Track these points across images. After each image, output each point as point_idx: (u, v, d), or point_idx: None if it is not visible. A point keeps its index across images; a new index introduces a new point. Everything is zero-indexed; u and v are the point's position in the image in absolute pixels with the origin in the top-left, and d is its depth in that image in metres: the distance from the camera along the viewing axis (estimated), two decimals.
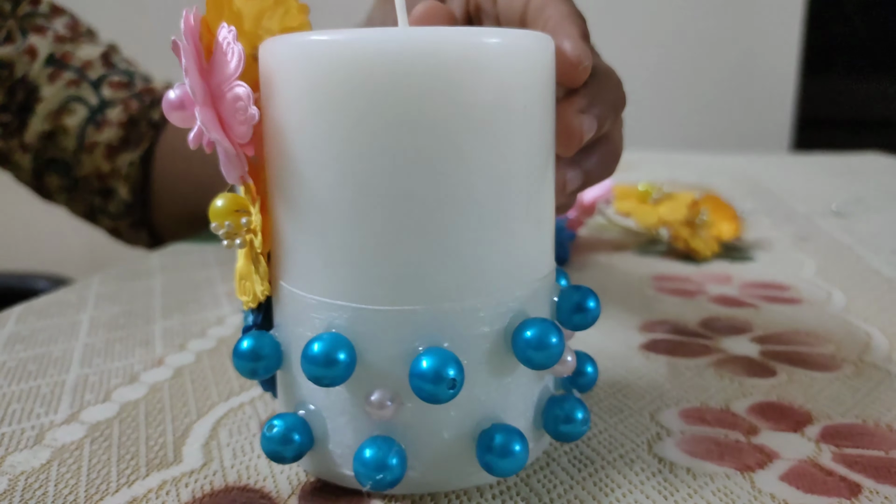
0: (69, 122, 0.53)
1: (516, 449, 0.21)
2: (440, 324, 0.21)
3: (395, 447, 0.21)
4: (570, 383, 0.25)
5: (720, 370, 0.31)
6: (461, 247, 0.21)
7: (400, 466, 0.21)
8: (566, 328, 0.24)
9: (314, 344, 0.21)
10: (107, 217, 0.57)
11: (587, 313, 0.24)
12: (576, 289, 0.24)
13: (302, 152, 0.21)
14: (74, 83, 0.54)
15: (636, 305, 0.40)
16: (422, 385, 0.20)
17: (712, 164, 0.93)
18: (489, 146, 0.21)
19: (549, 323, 0.22)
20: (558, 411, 0.23)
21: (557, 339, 0.21)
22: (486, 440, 0.21)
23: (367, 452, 0.21)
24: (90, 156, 0.54)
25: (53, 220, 1.61)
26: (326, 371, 0.21)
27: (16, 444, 0.26)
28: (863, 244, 0.53)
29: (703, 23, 1.58)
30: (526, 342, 0.21)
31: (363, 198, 0.21)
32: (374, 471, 0.21)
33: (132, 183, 0.55)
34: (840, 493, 0.22)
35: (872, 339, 0.35)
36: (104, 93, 0.54)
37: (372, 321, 0.21)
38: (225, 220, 0.23)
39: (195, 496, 0.23)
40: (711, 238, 0.50)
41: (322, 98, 0.21)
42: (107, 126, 0.54)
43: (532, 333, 0.21)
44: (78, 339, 0.36)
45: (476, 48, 0.20)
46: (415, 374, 0.20)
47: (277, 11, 0.25)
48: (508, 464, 0.21)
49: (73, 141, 0.54)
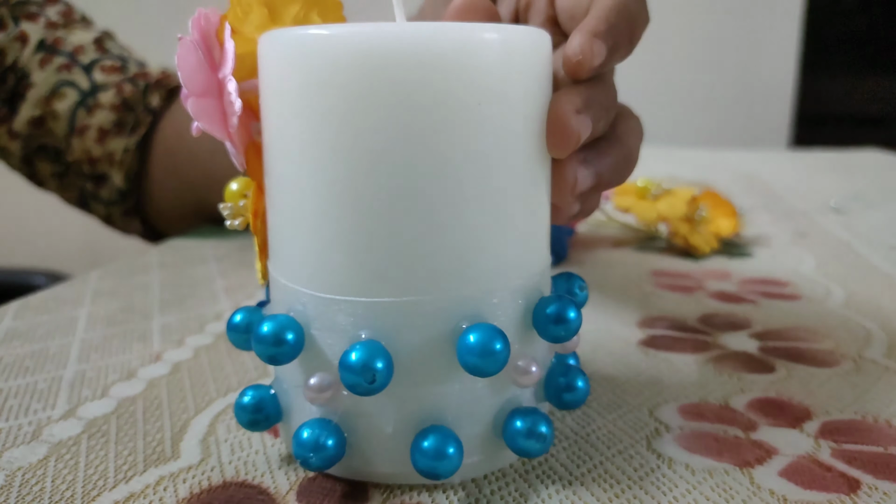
0: (59, 107, 0.52)
1: (449, 452, 0.21)
2: (389, 317, 0.21)
3: (333, 428, 0.22)
4: (555, 398, 0.24)
5: (719, 366, 0.31)
6: (442, 240, 0.21)
7: (336, 448, 0.22)
8: (545, 339, 0.23)
9: (265, 324, 0.22)
10: (100, 203, 0.57)
11: (567, 324, 0.22)
12: (556, 298, 0.23)
13: (293, 146, 0.21)
14: (66, 67, 0.53)
15: (635, 301, 0.40)
16: (346, 375, 0.20)
17: (711, 161, 0.93)
18: (481, 142, 0.21)
19: (494, 329, 0.21)
20: (518, 424, 0.22)
21: (502, 346, 0.20)
22: (419, 440, 0.21)
23: (304, 433, 0.22)
24: (81, 140, 0.53)
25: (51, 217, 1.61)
26: (274, 350, 0.22)
27: (13, 439, 0.26)
28: (861, 240, 0.53)
29: (703, 19, 1.58)
30: (468, 347, 0.20)
31: (341, 190, 0.21)
32: (308, 451, 0.21)
33: (126, 170, 0.54)
34: (839, 488, 0.22)
35: (871, 335, 0.35)
36: (96, 77, 0.53)
37: (324, 307, 0.22)
38: (237, 201, 0.27)
39: (193, 492, 0.23)
40: (710, 234, 0.50)
41: (317, 92, 0.20)
42: (98, 109, 0.53)
43: (476, 338, 0.20)
44: (75, 335, 0.36)
45: (470, 43, 0.20)
46: (342, 365, 0.20)
47: (314, 9, 0.26)
48: (441, 465, 0.21)
49: (63, 126, 0.53)
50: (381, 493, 0.22)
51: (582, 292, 0.26)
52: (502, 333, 0.21)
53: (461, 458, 0.21)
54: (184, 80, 0.23)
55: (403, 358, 0.21)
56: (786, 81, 1.61)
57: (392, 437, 0.22)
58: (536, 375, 0.22)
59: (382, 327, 0.21)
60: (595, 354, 0.33)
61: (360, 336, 0.21)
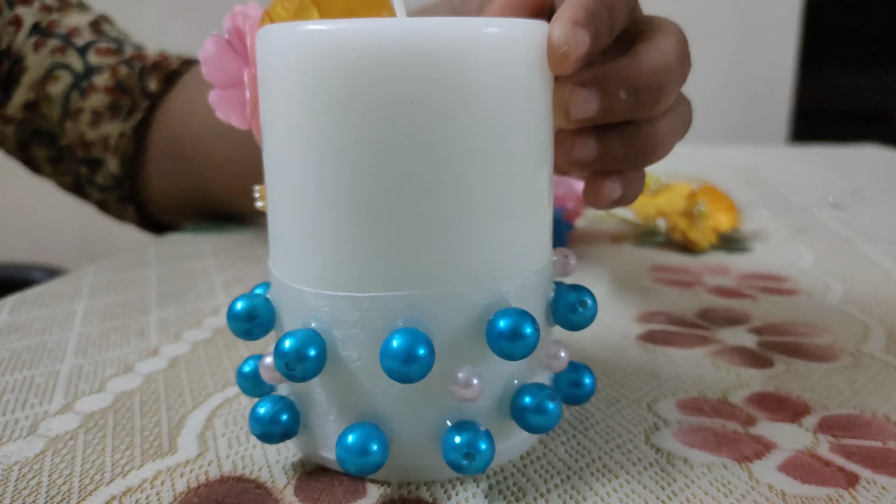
0: (53, 90, 0.52)
1: (482, 447, 0.21)
2: (416, 309, 0.21)
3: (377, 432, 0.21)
4: (563, 395, 0.25)
5: (718, 361, 0.31)
6: (448, 234, 0.21)
7: (381, 452, 0.21)
8: (562, 327, 0.24)
9: (286, 340, 0.21)
10: (95, 189, 0.56)
11: (585, 312, 0.23)
12: (573, 288, 0.24)
13: (294, 143, 0.21)
14: (60, 50, 0.52)
15: (634, 296, 0.40)
16: (392, 364, 0.20)
17: (710, 156, 0.93)
18: (483, 136, 0.21)
19: (523, 313, 0.21)
20: (527, 400, 0.22)
21: (532, 329, 0.21)
22: (450, 435, 0.21)
23: (349, 438, 0.21)
24: (74, 123, 0.52)
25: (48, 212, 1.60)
26: (300, 365, 0.21)
27: (10, 433, 0.26)
28: (860, 235, 0.53)
29: (702, 14, 1.57)
30: (499, 332, 0.21)
31: (339, 189, 0.21)
32: (357, 455, 0.21)
33: (122, 155, 0.53)
34: (837, 483, 0.22)
35: (870, 330, 0.35)
36: (90, 59, 0.52)
37: (346, 308, 0.21)
38: None
39: (190, 486, 0.23)
40: (709, 229, 0.50)
41: (318, 87, 0.20)
42: (92, 92, 0.52)
43: (506, 323, 0.21)
44: (73, 329, 0.36)
45: (472, 37, 0.20)
46: (384, 353, 0.20)
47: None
48: (473, 464, 0.21)
49: (57, 109, 0.52)
50: (379, 488, 0.22)
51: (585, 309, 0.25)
52: (532, 317, 0.21)
53: (493, 452, 0.21)
54: (208, 72, 0.24)
55: (437, 347, 0.21)
56: (785, 77, 1.61)
57: (425, 432, 0.22)
58: (565, 360, 0.23)
59: (415, 318, 0.21)
60: (594, 349, 0.33)
61: (398, 325, 0.21)
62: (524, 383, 0.23)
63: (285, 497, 0.22)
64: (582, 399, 0.25)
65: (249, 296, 0.24)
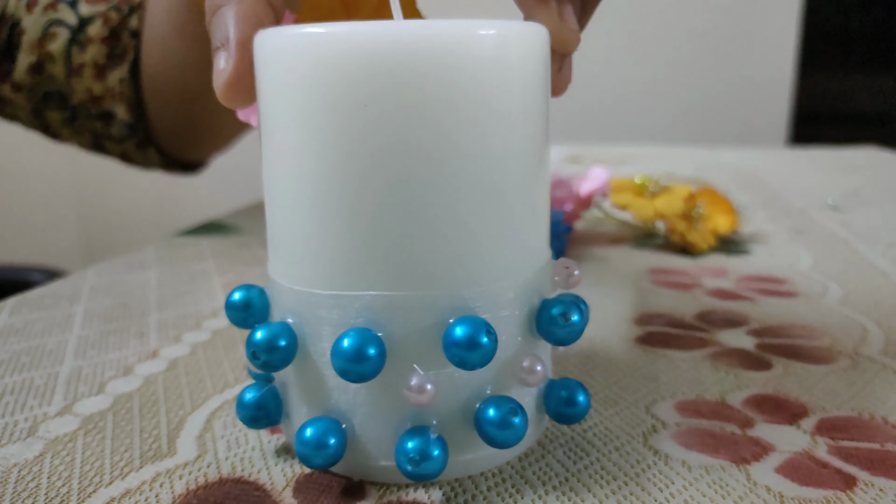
0: (53, 48, 0.51)
1: (434, 453, 0.21)
2: (382, 311, 0.21)
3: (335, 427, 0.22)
4: (555, 414, 0.24)
5: (716, 363, 0.31)
6: (412, 237, 0.21)
7: (338, 446, 0.22)
8: (547, 340, 0.23)
9: (258, 331, 0.22)
10: (113, 142, 0.56)
11: (567, 326, 0.22)
12: (560, 299, 0.23)
13: (290, 144, 0.21)
14: (51, 7, 0.52)
15: (632, 298, 0.40)
16: (337, 361, 0.21)
17: (709, 158, 0.93)
18: (480, 138, 0.21)
19: (480, 322, 0.20)
20: (491, 413, 0.21)
21: (488, 339, 0.20)
22: (404, 441, 0.21)
23: (307, 431, 0.22)
24: (80, 79, 0.52)
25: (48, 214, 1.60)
26: (264, 355, 0.22)
27: (9, 436, 0.26)
28: (859, 238, 0.53)
29: (701, 16, 1.58)
30: (454, 340, 0.20)
31: (337, 188, 0.21)
32: (311, 449, 0.21)
33: (127, 101, 0.53)
34: (835, 485, 0.22)
35: (868, 332, 0.35)
36: (81, 10, 0.52)
37: (316, 303, 0.22)
38: None
39: (189, 488, 0.23)
40: (708, 231, 0.50)
41: (315, 90, 0.20)
42: (90, 45, 0.52)
43: (462, 331, 0.20)
44: (72, 332, 0.36)
45: (467, 39, 0.20)
46: (334, 352, 0.21)
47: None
48: (417, 470, 0.21)
49: (61, 67, 0.52)
50: (378, 490, 0.22)
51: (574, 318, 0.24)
52: (488, 325, 0.20)
53: (446, 460, 0.21)
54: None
55: (397, 350, 0.21)
56: (784, 78, 1.61)
57: (384, 434, 0.22)
58: (542, 374, 0.22)
59: (375, 319, 0.21)
60: (592, 351, 0.33)
61: (358, 324, 0.21)
62: (495, 395, 0.22)
63: (284, 499, 0.22)
64: (574, 419, 0.24)
65: (246, 287, 0.24)
